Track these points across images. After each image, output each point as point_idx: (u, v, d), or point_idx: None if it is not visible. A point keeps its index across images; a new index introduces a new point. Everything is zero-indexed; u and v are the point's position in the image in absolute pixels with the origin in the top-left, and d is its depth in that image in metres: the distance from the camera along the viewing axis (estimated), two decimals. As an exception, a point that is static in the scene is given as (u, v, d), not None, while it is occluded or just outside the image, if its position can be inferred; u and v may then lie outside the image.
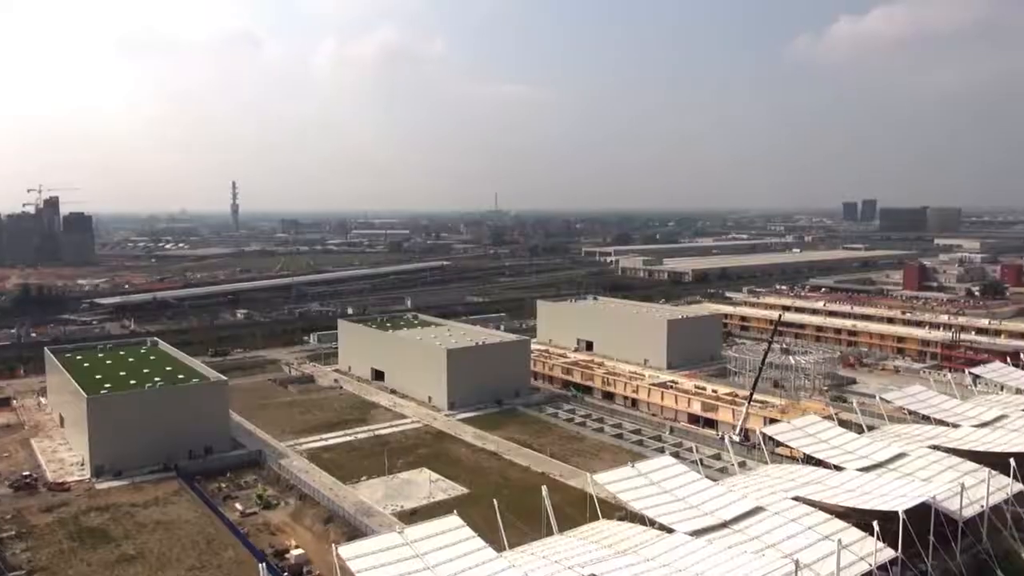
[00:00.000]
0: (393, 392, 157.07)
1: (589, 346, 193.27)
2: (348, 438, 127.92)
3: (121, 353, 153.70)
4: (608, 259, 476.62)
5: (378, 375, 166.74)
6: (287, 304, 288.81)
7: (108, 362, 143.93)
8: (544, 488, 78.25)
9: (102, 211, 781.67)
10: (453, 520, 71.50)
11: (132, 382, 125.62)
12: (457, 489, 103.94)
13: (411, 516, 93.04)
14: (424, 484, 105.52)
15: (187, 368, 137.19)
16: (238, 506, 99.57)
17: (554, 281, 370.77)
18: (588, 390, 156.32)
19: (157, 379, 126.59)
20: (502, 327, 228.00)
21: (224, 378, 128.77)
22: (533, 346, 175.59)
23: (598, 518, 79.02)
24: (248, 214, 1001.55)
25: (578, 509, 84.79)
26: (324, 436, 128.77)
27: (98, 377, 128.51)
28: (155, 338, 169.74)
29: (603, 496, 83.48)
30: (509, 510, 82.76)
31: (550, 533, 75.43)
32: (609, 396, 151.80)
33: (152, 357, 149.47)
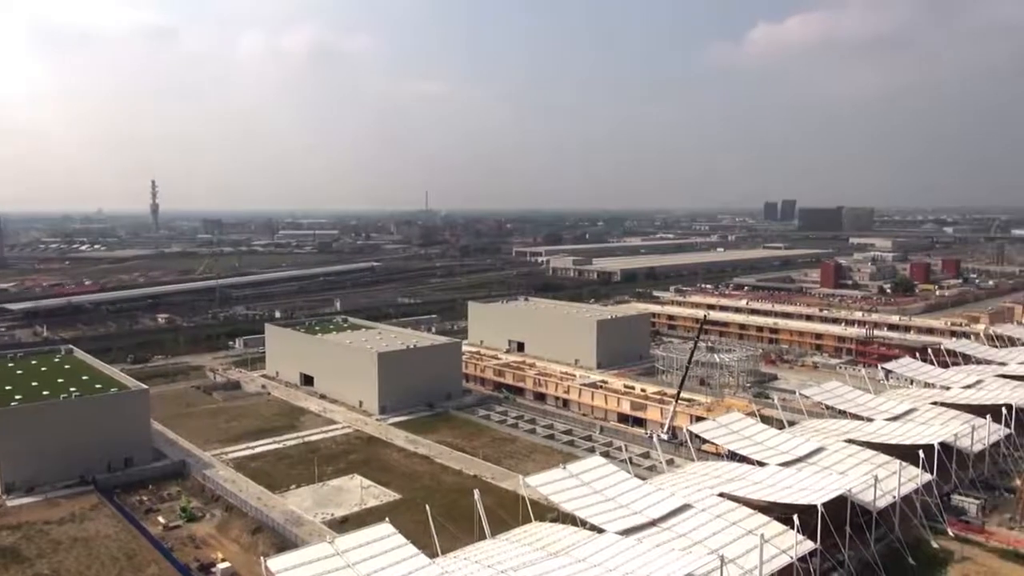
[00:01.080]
0: (323, 397, 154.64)
1: (520, 347, 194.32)
2: (276, 446, 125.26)
3: (33, 362, 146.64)
4: (539, 259, 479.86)
5: (307, 380, 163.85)
6: (211, 308, 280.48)
7: (19, 372, 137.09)
8: (476, 492, 78.43)
9: (11, 211, 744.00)
10: (385, 528, 71.06)
11: (45, 392, 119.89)
12: (389, 495, 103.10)
13: (342, 524, 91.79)
14: (355, 491, 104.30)
15: (104, 377, 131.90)
16: (161, 519, 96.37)
17: (485, 281, 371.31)
18: (520, 391, 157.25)
19: (73, 389, 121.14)
20: (433, 329, 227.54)
21: (144, 386, 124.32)
22: (465, 348, 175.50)
23: (531, 520, 79.73)
24: (169, 214, 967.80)
25: (511, 511, 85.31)
26: (251, 444, 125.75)
27: (8, 388, 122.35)
28: (70, 345, 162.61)
29: (536, 498, 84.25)
30: (442, 515, 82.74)
31: (483, 537, 75.75)
32: (541, 397, 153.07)
33: (67, 366, 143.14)
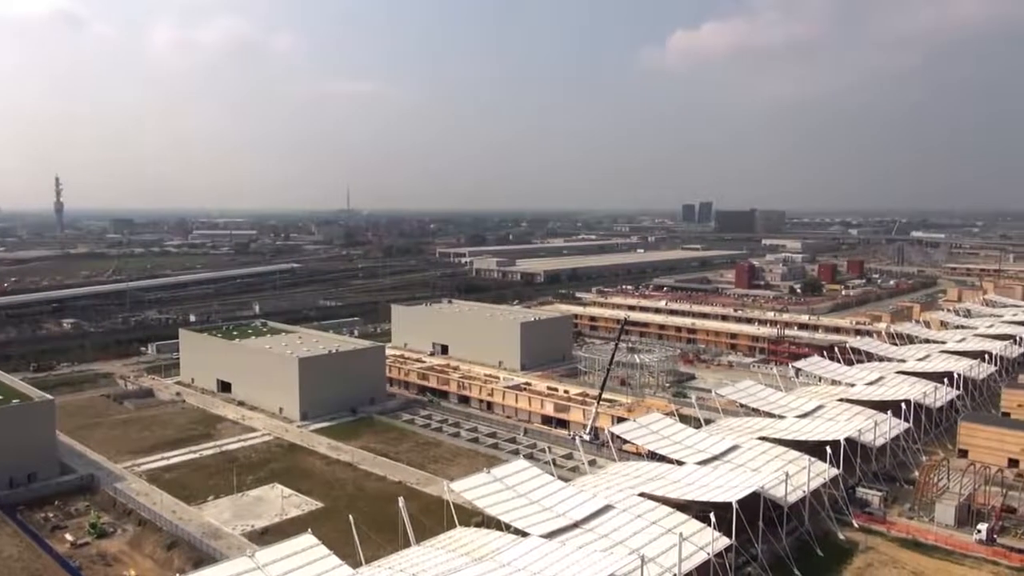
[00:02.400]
0: (241, 404, 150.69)
1: (445, 350, 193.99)
2: (192, 455, 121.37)
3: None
4: (462, 260, 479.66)
5: (225, 387, 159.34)
6: (121, 312, 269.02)
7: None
8: (401, 499, 78.10)
9: None
10: (307, 539, 70.03)
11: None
12: (311, 504, 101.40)
13: (262, 536, 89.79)
14: (276, 501, 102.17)
15: (4, 387, 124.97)
16: (68, 536, 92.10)
17: (409, 283, 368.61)
18: (444, 395, 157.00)
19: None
20: (356, 332, 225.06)
21: (49, 397, 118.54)
22: (388, 351, 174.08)
23: (456, 526, 79.91)
24: (75, 213, 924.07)
25: (436, 517, 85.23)
26: (165, 455, 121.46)
27: None
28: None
29: (460, 502, 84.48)
30: (366, 523, 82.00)
31: (407, 544, 75.47)
32: (465, 400, 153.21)
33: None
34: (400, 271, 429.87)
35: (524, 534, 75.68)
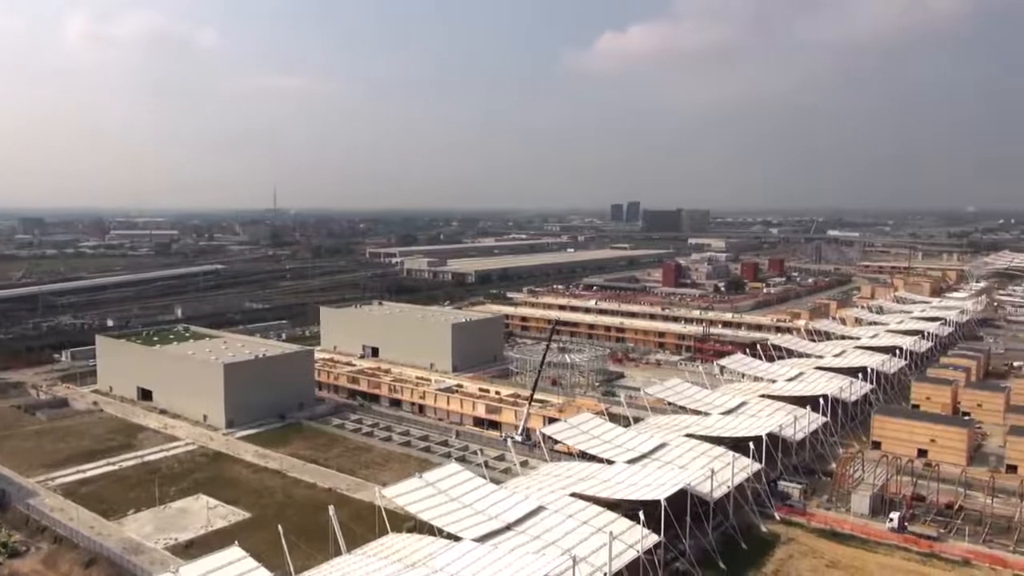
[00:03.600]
0: (163, 412, 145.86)
1: (375, 352, 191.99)
2: (111, 467, 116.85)
3: None
4: (393, 260, 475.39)
5: (145, 395, 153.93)
6: (32, 317, 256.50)
7: None
8: (331, 508, 76.91)
9: None
10: (234, 551, 68.46)
11: None
12: (238, 514, 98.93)
13: (187, 549, 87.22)
14: (201, 512, 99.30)
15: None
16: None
17: (338, 284, 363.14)
18: (375, 398, 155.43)
19: None
20: (283, 335, 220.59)
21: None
22: (317, 355, 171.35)
23: (387, 532, 79.36)
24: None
25: (367, 524, 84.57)
26: (82, 467, 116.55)
27: None
28: None
29: (392, 507, 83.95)
30: (295, 532, 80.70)
31: (338, 553, 74.55)
32: (396, 403, 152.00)
33: None
34: (329, 272, 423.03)
35: (457, 538, 75.78)
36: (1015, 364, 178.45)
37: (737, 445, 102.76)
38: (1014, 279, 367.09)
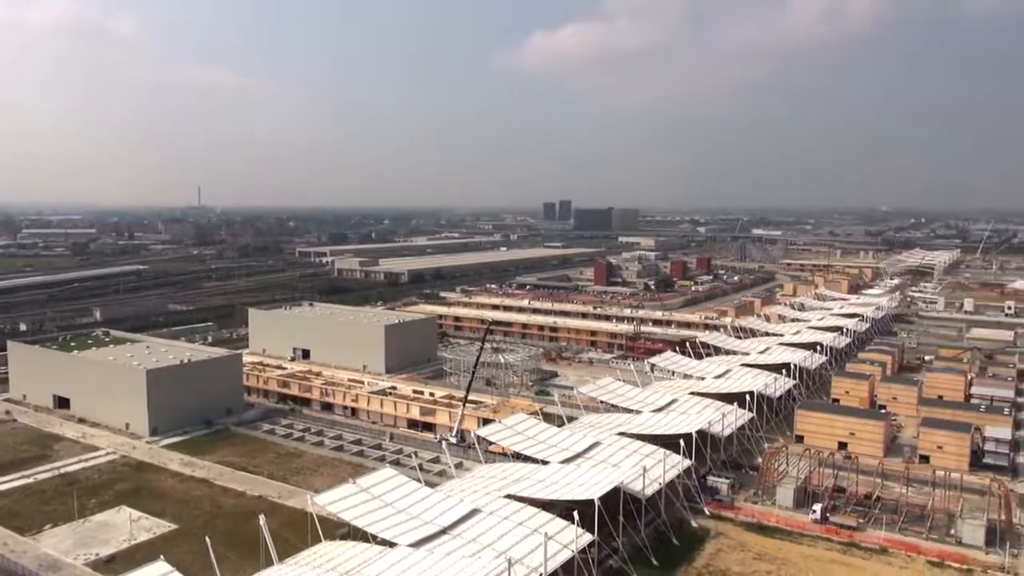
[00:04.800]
0: (82, 421, 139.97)
1: (306, 355, 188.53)
2: (25, 480, 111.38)
3: None
4: (324, 260, 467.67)
5: (62, 403, 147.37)
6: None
7: None
8: (262, 517, 75.13)
9: None
10: (160, 566, 66.38)
11: None
12: (163, 526, 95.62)
13: (109, 564, 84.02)
14: (124, 525, 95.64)
15: None
16: None
17: (267, 284, 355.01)
18: (306, 402, 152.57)
19: None
20: (209, 338, 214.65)
21: None
22: (246, 358, 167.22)
23: (320, 540, 78.12)
24: None
25: (299, 532, 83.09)
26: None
27: None
28: None
29: (325, 514, 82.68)
30: (224, 543, 78.83)
31: (269, 563, 72.91)
32: (328, 407, 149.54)
33: None
34: (257, 272, 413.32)
35: (391, 544, 75.14)
36: (927, 358, 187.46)
37: (668, 442, 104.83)
38: (924, 276, 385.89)
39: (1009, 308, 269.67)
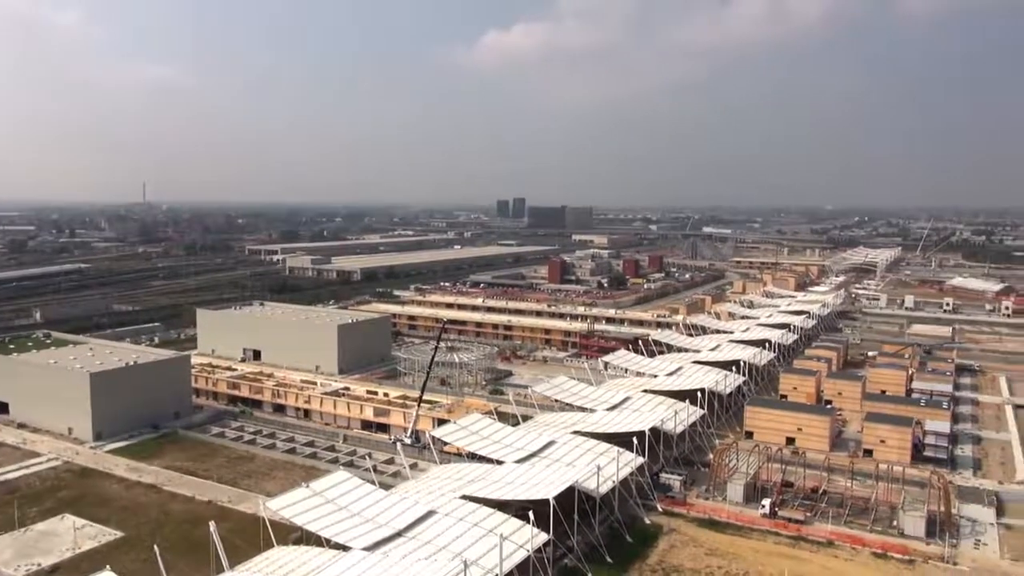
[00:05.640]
0: (22, 427, 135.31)
1: (257, 355, 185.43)
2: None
3: None
4: (274, 258, 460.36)
5: (1, 408, 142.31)
6: None
7: None
8: (212, 523, 73.73)
9: None
10: (106, 575, 64.62)
11: None
12: (109, 534, 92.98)
13: (52, 575, 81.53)
14: (67, 534, 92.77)
15: None
16: None
17: (216, 284, 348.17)
18: (258, 404, 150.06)
19: None
20: (156, 339, 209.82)
21: None
22: (194, 359, 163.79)
23: (273, 545, 77.05)
24: None
25: (251, 537, 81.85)
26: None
27: None
28: None
29: (278, 519, 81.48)
30: (173, 550, 77.34)
31: (220, 570, 71.61)
32: (280, 409, 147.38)
33: None
34: (206, 271, 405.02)
35: (346, 548, 74.50)
36: (870, 354, 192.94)
37: (622, 440, 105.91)
38: (868, 273, 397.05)
39: (947, 304, 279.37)
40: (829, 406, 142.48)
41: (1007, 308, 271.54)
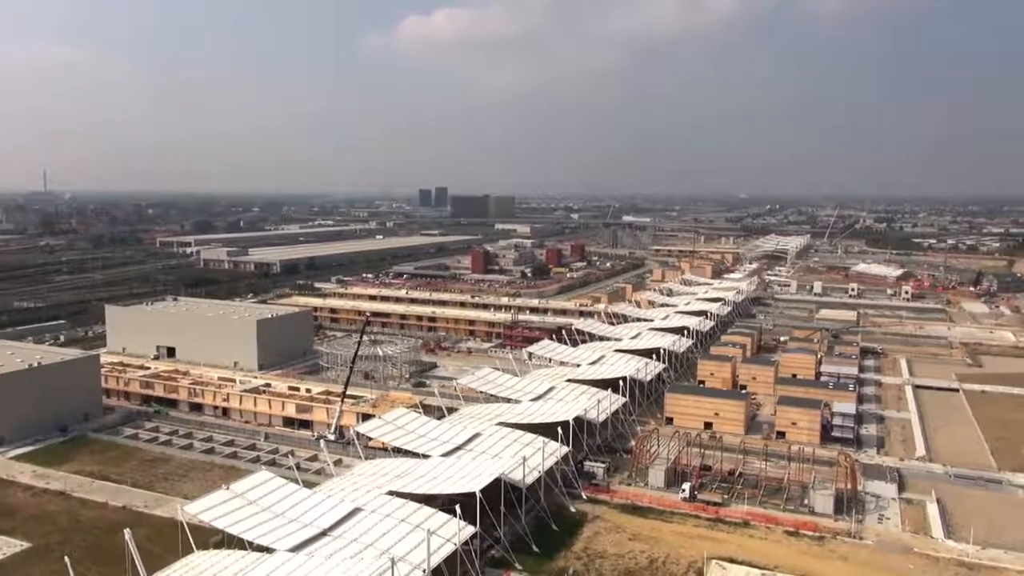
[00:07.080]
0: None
1: (171, 353, 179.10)
2: None
3: None
4: (188, 250, 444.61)
5: None
6: None
7: None
8: (127, 529, 71.05)
9: None
10: (12, 591, 61.60)
11: None
12: (15, 545, 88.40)
13: (-49, 592, 77.18)
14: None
15: None
16: None
17: (125, 278, 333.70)
18: (173, 403, 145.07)
19: None
20: (61, 337, 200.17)
21: None
22: (104, 358, 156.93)
23: (192, 550, 74.90)
24: None
25: (169, 543, 79.28)
26: None
27: None
28: None
29: (197, 523, 79.21)
30: (86, 559, 74.41)
31: (137, 579, 69.24)
32: (198, 407, 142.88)
33: None
34: (114, 264, 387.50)
35: (269, 551, 73.11)
36: (782, 339, 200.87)
37: (547, 430, 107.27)
38: (779, 260, 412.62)
39: (852, 290, 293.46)
40: (744, 391, 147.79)
41: (907, 293, 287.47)
